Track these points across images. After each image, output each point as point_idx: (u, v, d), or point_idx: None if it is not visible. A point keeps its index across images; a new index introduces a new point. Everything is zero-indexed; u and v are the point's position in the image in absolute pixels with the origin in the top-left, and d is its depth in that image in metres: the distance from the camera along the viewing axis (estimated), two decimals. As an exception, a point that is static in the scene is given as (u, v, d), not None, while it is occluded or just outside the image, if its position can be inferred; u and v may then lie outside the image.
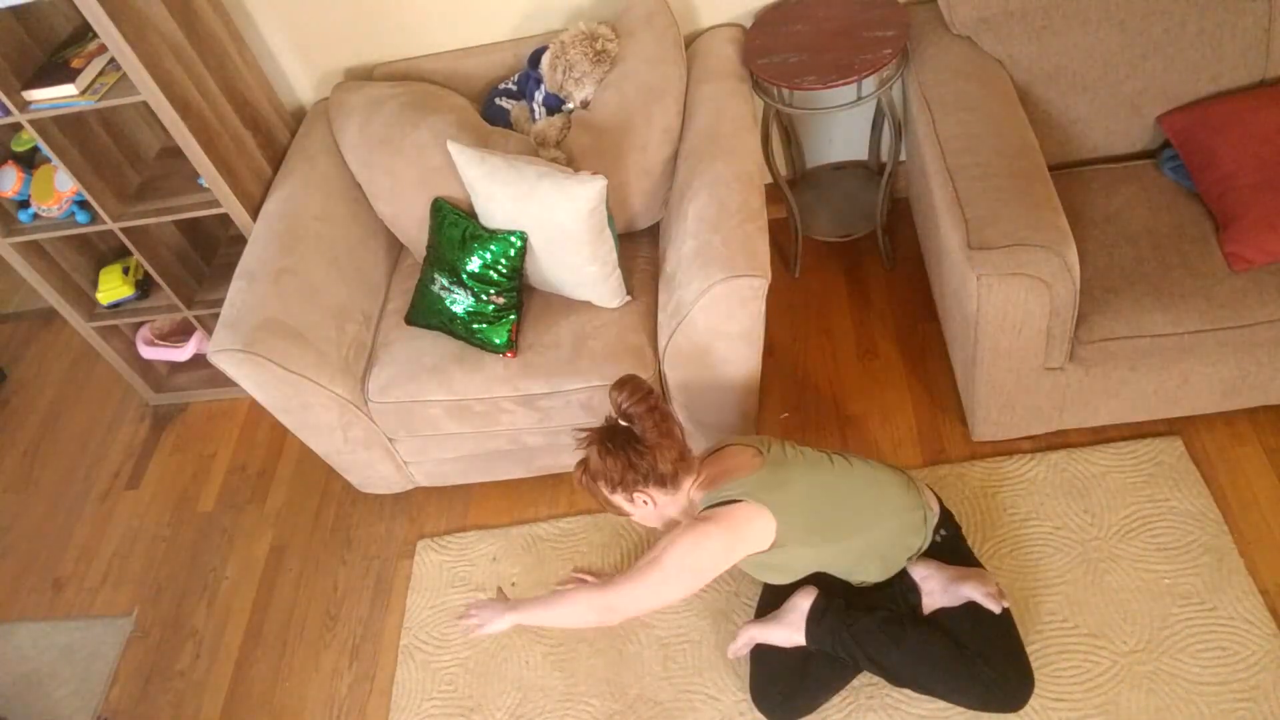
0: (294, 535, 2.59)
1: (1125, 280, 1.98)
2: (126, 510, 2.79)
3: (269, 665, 2.36)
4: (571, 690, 2.13)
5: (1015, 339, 1.95)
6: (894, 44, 2.21)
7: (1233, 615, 1.93)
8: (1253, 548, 2.02)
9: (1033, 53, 2.17)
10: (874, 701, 1.96)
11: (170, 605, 2.54)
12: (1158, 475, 2.16)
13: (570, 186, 1.99)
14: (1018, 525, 2.15)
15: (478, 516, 2.51)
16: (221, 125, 2.35)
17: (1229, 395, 2.11)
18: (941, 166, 2.02)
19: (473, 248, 2.16)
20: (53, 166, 2.51)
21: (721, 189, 2.03)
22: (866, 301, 2.70)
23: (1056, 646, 1.96)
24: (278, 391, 2.13)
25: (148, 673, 2.42)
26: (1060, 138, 2.25)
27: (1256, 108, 2.04)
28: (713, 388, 2.12)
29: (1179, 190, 2.13)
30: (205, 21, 2.33)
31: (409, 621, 2.33)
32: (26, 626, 2.58)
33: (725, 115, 2.19)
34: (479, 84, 2.52)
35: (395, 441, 2.34)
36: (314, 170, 2.39)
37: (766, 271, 1.91)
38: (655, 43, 2.26)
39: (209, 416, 2.97)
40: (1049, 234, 1.82)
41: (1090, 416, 2.18)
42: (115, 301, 2.75)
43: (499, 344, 2.17)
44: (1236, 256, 1.94)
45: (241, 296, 2.15)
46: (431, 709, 2.18)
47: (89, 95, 2.20)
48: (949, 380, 2.46)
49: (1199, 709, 1.84)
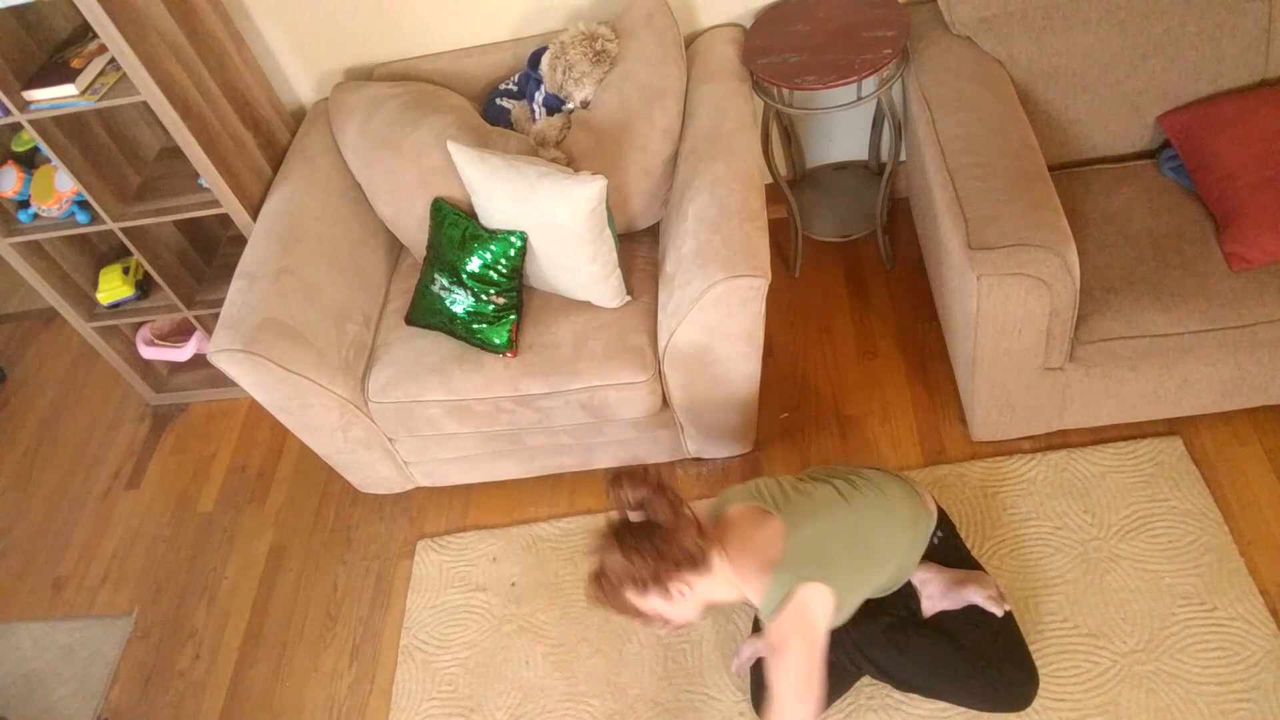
0: (294, 535, 2.59)
1: (1125, 280, 1.98)
2: (126, 510, 2.79)
3: (269, 665, 2.36)
4: (572, 690, 2.13)
5: (1015, 339, 1.95)
6: (894, 44, 2.21)
7: (1233, 615, 1.93)
8: (1253, 548, 2.02)
9: (1033, 53, 2.17)
10: (874, 702, 1.96)
11: (170, 605, 2.54)
12: (1158, 475, 2.16)
13: (570, 186, 1.99)
14: (1018, 525, 2.15)
15: (478, 516, 2.51)
16: (221, 125, 2.35)
17: (1229, 395, 2.11)
18: (941, 166, 2.02)
19: (473, 248, 2.16)
20: (53, 166, 2.51)
21: (721, 189, 2.03)
22: (866, 301, 2.70)
23: (1056, 646, 1.96)
24: (278, 391, 2.13)
25: (148, 673, 2.42)
26: (1060, 138, 2.25)
27: (1256, 108, 2.04)
28: (713, 388, 2.12)
29: (1179, 190, 2.13)
30: (205, 21, 2.33)
31: (409, 621, 2.33)
32: (26, 626, 2.58)
33: (725, 115, 2.19)
34: (479, 84, 2.52)
35: (395, 441, 2.34)
36: (314, 170, 2.39)
37: (766, 272, 1.91)
38: (655, 43, 2.26)
39: (209, 416, 2.97)
40: (1049, 234, 1.82)
41: (1090, 416, 2.18)
42: (115, 301, 2.75)
43: (499, 344, 2.17)
44: (1236, 256, 1.94)
45: (241, 296, 2.15)
46: (431, 709, 2.18)
47: (89, 95, 2.20)
48: (949, 380, 2.46)
49: (1199, 709, 1.84)
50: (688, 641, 2.14)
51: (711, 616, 2.16)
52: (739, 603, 1.85)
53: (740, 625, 2.13)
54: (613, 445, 2.34)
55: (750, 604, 1.79)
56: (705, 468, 2.45)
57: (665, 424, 2.27)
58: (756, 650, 1.94)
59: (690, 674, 2.10)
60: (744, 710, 2.01)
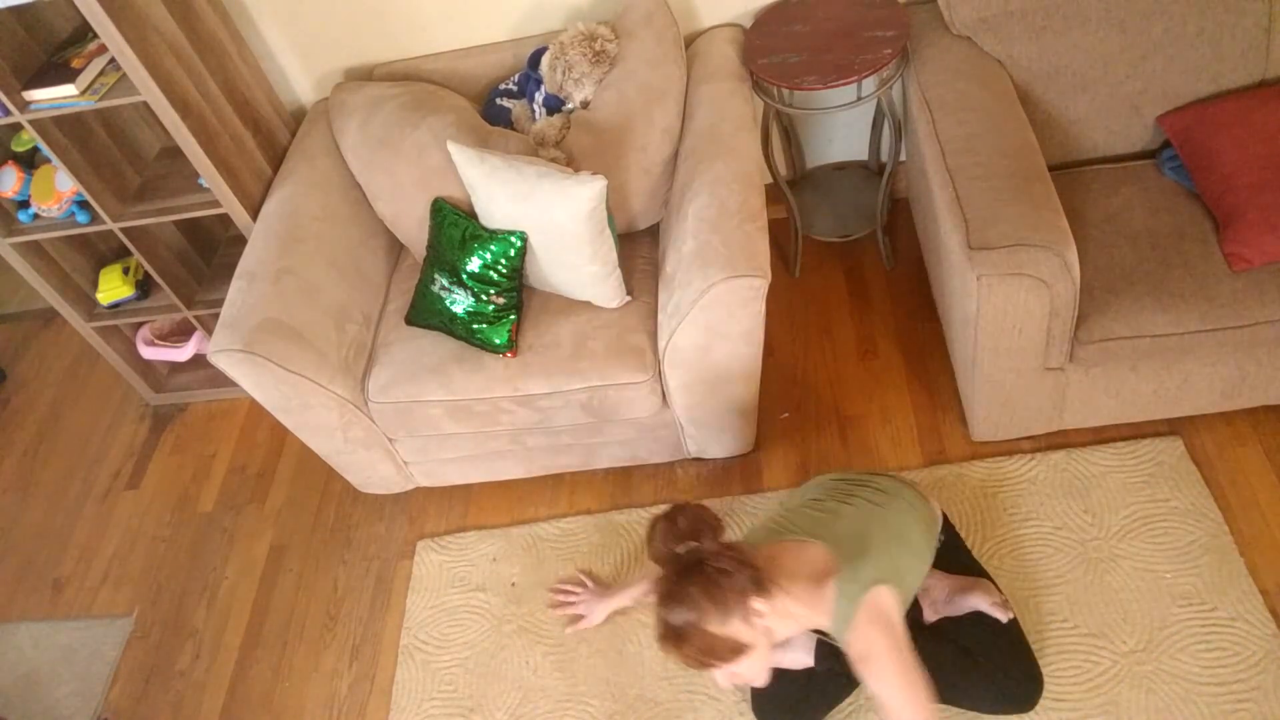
0: (294, 535, 2.59)
1: (1125, 280, 1.98)
2: (126, 510, 2.79)
3: (269, 665, 2.36)
4: (572, 690, 2.13)
5: (1015, 339, 1.95)
6: (894, 44, 2.21)
7: (1233, 615, 1.93)
8: (1253, 548, 2.02)
9: (1033, 53, 2.17)
10: (874, 702, 1.96)
11: (170, 605, 2.54)
12: (1158, 475, 2.16)
13: (570, 186, 1.99)
14: (1018, 525, 2.15)
15: (478, 516, 2.51)
16: (221, 125, 2.35)
17: (1229, 395, 2.11)
18: (941, 166, 2.02)
19: (473, 248, 2.16)
20: (53, 166, 2.51)
21: (721, 189, 2.03)
22: (866, 301, 2.70)
23: (1056, 646, 1.96)
24: (277, 392, 2.13)
25: (148, 673, 2.42)
26: (1060, 138, 2.25)
27: (1256, 108, 2.04)
28: (713, 388, 2.12)
29: (1179, 190, 2.13)
30: (205, 21, 2.33)
31: (409, 622, 2.33)
32: (26, 626, 2.58)
33: (725, 115, 2.19)
34: (479, 84, 2.52)
35: (395, 442, 2.34)
36: (314, 170, 2.39)
37: (766, 272, 1.91)
38: (655, 43, 2.26)
39: (209, 416, 2.97)
40: (1049, 234, 1.82)
41: (1090, 416, 2.18)
42: (115, 301, 2.75)
43: (499, 344, 2.17)
44: (1236, 256, 1.94)
45: (241, 296, 2.15)
46: (431, 709, 2.18)
47: (89, 95, 2.20)
48: (949, 380, 2.46)
49: (1199, 709, 1.84)
50: (688, 641, 2.14)
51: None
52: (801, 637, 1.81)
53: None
54: (613, 445, 2.34)
55: (816, 632, 1.74)
56: (705, 468, 2.45)
57: (665, 424, 2.27)
58: None
59: (690, 674, 2.10)
60: (744, 710, 2.01)
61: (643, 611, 2.21)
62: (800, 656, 1.87)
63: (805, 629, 1.65)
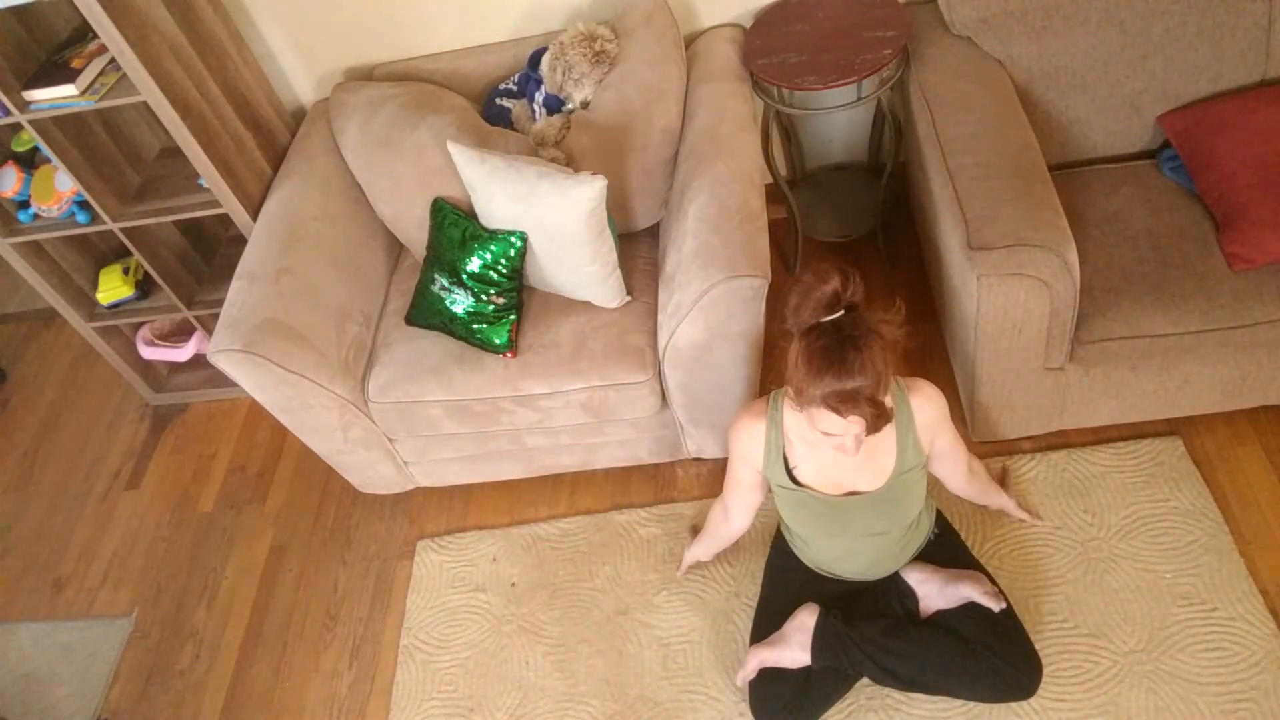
0: (294, 535, 2.59)
1: (1125, 280, 1.98)
2: (126, 510, 2.79)
3: (269, 665, 2.36)
4: (572, 690, 2.13)
5: (1015, 339, 1.95)
6: (894, 44, 2.21)
7: (1233, 615, 1.93)
8: (1253, 548, 2.02)
9: (1033, 53, 2.17)
10: (874, 703, 1.96)
11: (170, 605, 2.54)
12: (1158, 475, 2.16)
13: (570, 187, 1.99)
14: (1017, 525, 2.14)
15: (478, 516, 2.51)
16: (221, 125, 2.35)
17: (1229, 395, 2.11)
18: (941, 166, 2.02)
19: (473, 248, 2.16)
20: (53, 166, 2.51)
21: (721, 189, 2.03)
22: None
23: (1056, 646, 1.96)
24: (278, 392, 2.13)
25: (148, 673, 2.42)
26: (1060, 138, 2.25)
27: (1256, 108, 2.04)
28: (713, 388, 2.12)
29: (1179, 190, 2.13)
30: (205, 21, 2.33)
31: (409, 622, 2.33)
32: (26, 626, 2.58)
33: (725, 115, 2.19)
34: (479, 84, 2.52)
35: (395, 442, 2.34)
36: (314, 170, 2.39)
37: (767, 272, 1.91)
38: (655, 43, 2.26)
39: (209, 416, 2.97)
40: (1049, 234, 1.82)
41: (1090, 416, 2.18)
42: (115, 302, 2.75)
43: (499, 344, 2.17)
44: (1236, 256, 1.94)
45: (241, 297, 2.15)
46: (431, 709, 2.18)
47: (89, 95, 2.20)
48: (949, 380, 2.45)
49: (1199, 709, 1.84)
50: (688, 641, 2.14)
51: (711, 616, 2.16)
52: None
53: (740, 625, 2.13)
54: (612, 445, 2.34)
55: None
56: (705, 467, 2.45)
57: (665, 424, 2.27)
58: (762, 660, 1.92)
59: (690, 674, 2.10)
60: (743, 710, 2.01)
61: (643, 611, 2.21)
62: (798, 655, 1.88)
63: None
